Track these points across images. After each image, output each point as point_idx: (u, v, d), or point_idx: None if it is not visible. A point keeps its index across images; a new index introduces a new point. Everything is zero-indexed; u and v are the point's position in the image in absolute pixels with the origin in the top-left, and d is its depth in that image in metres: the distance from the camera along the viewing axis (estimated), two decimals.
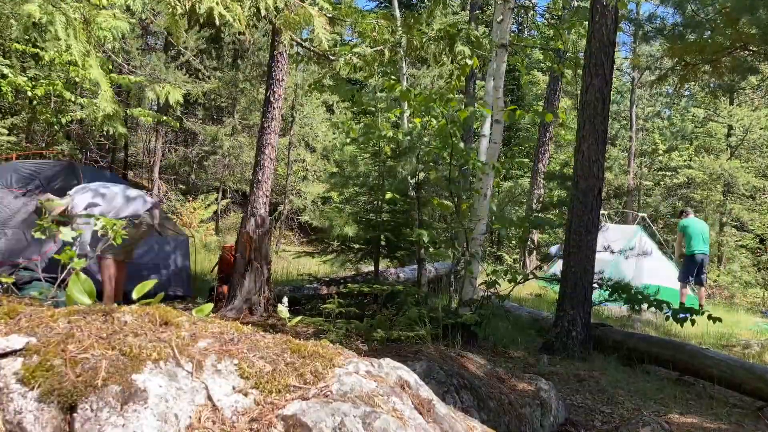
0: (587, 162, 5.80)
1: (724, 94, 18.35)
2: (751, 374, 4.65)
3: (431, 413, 1.45)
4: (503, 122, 6.04)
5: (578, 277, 5.69)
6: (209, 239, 13.79)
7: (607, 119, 5.99)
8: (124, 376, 1.15)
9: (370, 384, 1.38)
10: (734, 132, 20.61)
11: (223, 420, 1.17)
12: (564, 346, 5.54)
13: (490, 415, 3.05)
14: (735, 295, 15.76)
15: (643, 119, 23.97)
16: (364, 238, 6.86)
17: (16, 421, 1.07)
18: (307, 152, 17.98)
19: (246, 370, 1.30)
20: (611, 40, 5.90)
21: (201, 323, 1.46)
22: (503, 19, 6.08)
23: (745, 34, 7.31)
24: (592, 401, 4.24)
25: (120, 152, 18.58)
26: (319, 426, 1.17)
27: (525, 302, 8.76)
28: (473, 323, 5.15)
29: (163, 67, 13.79)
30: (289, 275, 9.05)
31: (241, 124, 17.09)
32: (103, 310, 1.39)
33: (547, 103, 15.06)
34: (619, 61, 21.08)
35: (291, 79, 15.59)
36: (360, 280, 6.92)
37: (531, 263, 13.21)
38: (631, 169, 20.93)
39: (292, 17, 4.48)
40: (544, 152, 15.18)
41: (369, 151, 6.82)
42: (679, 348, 5.33)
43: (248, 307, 5.88)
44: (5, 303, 1.41)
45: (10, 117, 11.98)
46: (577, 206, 5.80)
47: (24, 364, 1.14)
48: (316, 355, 1.44)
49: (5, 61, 8.78)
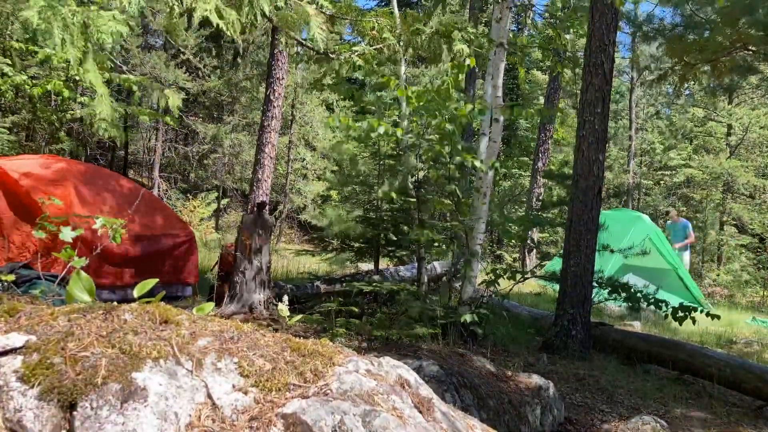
0: (587, 161, 5.80)
1: (723, 94, 18.34)
2: (750, 373, 4.65)
3: (431, 412, 1.45)
4: (502, 121, 6.04)
5: (578, 276, 5.70)
6: (209, 237, 13.80)
7: (607, 118, 5.99)
8: (124, 375, 1.15)
9: (370, 382, 1.38)
10: (734, 131, 20.62)
11: (223, 418, 1.18)
12: (564, 345, 5.54)
13: (490, 414, 3.05)
14: (734, 294, 15.77)
15: (643, 119, 23.97)
16: (364, 237, 6.86)
17: (16, 419, 1.07)
18: (307, 151, 17.99)
19: (246, 369, 1.30)
20: (611, 40, 5.90)
21: (201, 321, 1.46)
22: (502, 18, 6.08)
23: (744, 34, 7.31)
24: (591, 400, 4.25)
25: (120, 150, 18.59)
26: (318, 424, 1.17)
27: (525, 301, 8.75)
28: (473, 322, 5.15)
29: (163, 66, 13.79)
30: (289, 274, 9.05)
31: (241, 123, 17.10)
32: (104, 308, 1.39)
33: (547, 102, 15.05)
34: (618, 61, 21.08)
35: (291, 78, 15.58)
36: (360, 279, 6.93)
37: (531, 262, 13.21)
38: (630, 168, 20.92)
39: (289, 16, 4.47)
40: (543, 151, 15.18)
41: (368, 149, 6.83)
42: (679, 347, 5.33)
43: (248, 306, 5.88)
44: (5, 301, 1.41)
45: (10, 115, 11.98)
46: (577, 205, 5.80)
47: (24, 362, 1.15)
48: (316, 353, 1.44)
49: (5, 59, 8.78)
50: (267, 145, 9.78)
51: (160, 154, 16.30)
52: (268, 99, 9.94)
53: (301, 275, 8.05)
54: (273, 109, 9.87)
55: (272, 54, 9.96)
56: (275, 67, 9.85)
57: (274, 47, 9.77)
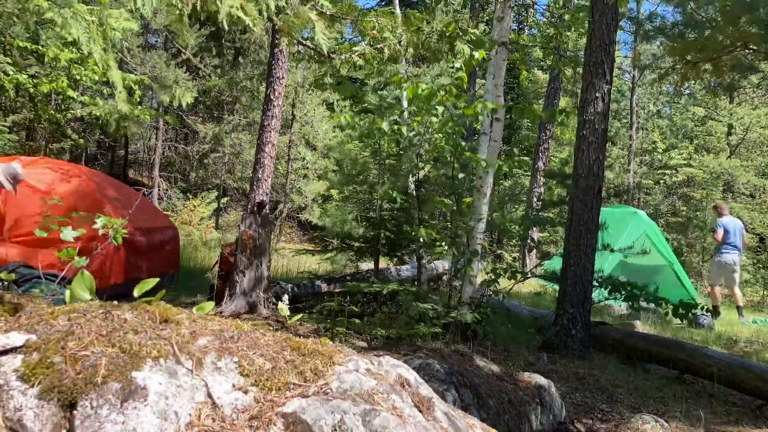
0: (587, 160, 5.80)
1: (724, 93, 18.32)
2: (750, 373, 4.65)
3: (431, 411, 1.46)
4: (503, 120, 6.04)
5: (578, 276, 5.70)
6: (209, 237, 13.81)
7: (608, 118, 5.98)
8: (124, 374, 1.16)
9: (370, 382, 1.38)
10: (735, 131, 20.60)
11: (223, 417, 1.18)
12: (564, 344, 5.54)
13: (490, 414, 3.06)
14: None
15: (644, 118, 23.95)
16: (364, 236, 6.86)
17: (17, 418, 1.07)
18: (308, 150, 17.98)
19: (246, 368, 1.30)
20: (611, 39, 5.89)
21: (201, 321, 1.46)
22: (503, 17, 6.08)
23: (745, 32, 7.31)
24: (591, 399, 4.25)
25: (120, 150, 18.60)
26: (318, 424, 1.17)
27: (525, 300, 8.76)
28: (473, 321, 5.15)
29: (164, 65, 13.78)
30: (289, 273, 9.05)
31: (241, 122, 17.10)
32: (104, 308, 1.39)
33: (547, 101, 15.05)
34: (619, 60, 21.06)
35: (291, 78, 15.58)
36: (360, 278, 6.93)
37: (531, 261, 13.21)
38: (631, 167, 20.92)
39: (291, 20, 4.48)
40: (544, 150, 15.18)
41: (369, 149, 6.83)
42: (679, 347, 5.33)
43: (248, 305, 5.88)
44: (6, 300, 1.42)
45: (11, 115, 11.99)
46: (577, 205, 5.80)
47: (24, 362, 1.15)
48: (316, 352, 1.44)
49: (6, 58, 8.78)
50: (267, 145, 9.78)
51: (161, 153, 16.30)
52: (268, 98, 9.93)
53: (301, 275, 8.05)
54: (273, 109, 9.87)
55: (272, 53, 9.95)
56: (276, 67, 9.84)
57: (274, 46, 9.76)
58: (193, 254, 10.45)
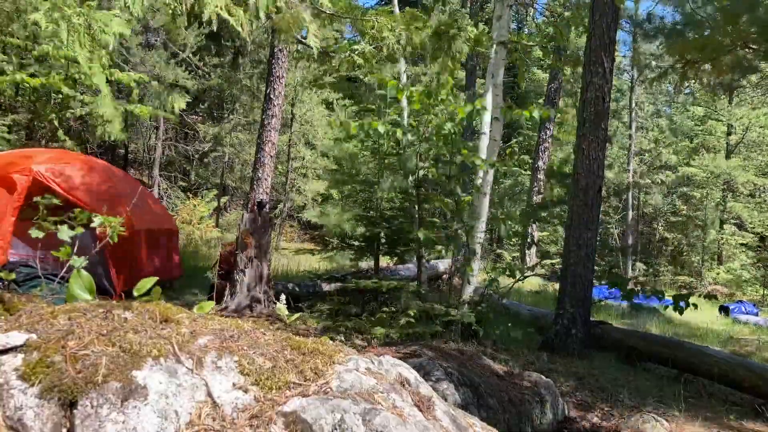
0: (587, 160, 5.80)
1: (724, 93, 18.30)
2: (750, 372, 4.65)
3: (431, 410, 1.46)
4: (503, 119, 6.04)
5: (578, 275, 5.70)
6: (209, 236, 13.80)
7: (607, 117, 5.98)
8: (124, 373, 1.16)
9: (370, 381, 1.38)
10: (734, 130, 20.59)
11: (223, 416, 1.18)
12: (564, 343, 5.54)
13: (490, 413, 3.06)
14: (735, 293, 15.77)
15: (643, 117, 23.94)
16: (364, 235, 6.86)
17: (17, 417, 1.07)
18: (307, 150, 17.96)
19: (246, 367, 1.30)
20: (611, 38, 5.89)
21: (201, 320, 1.46)
22: (502, 16, 6.08)
23: (745, 32, 7.29)
24: (591, 399, 4.25)
25: (120, 149, 18.58)
26: (319, 423, 1.17)
27: (525, 299, 8.76)
28: (473, 321, 5.15)
29: (164, 64, 13.76)
30: (289, 272, 9.05)
31: (241, 122, 17.09)
32: (104, 307, 1.39)
33: (547, 100, 15.05)
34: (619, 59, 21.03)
35: (291, 77, 15.56)
36: (360, 277, 6.92)
37: (530, 260, 13.20)
38: (630, 167, 20.91)
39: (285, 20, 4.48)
40: (544, 150, 15.18)
41: (368, 148, 6.81)
42: (679, 346, 5.33)
43: (248, 304, 5.88)
44: (6, 299, 1.42)
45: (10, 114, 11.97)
46: (577, 204, 5.80)
47: (24, 361, 1.15)
48: (316, 352, 1.44)
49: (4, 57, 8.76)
50: (267, 144, 9.78)
51: (161, 152, 16.29)
52: (268, 97, 9.93)
53: (302, 274, 8.05)
54: (273, 108, 9.86)
55: (272, 53, 9.94)
56: (275, 66, 9.83)
57: (274, 46, 9.76)
58: (193, 253, 10.45)
